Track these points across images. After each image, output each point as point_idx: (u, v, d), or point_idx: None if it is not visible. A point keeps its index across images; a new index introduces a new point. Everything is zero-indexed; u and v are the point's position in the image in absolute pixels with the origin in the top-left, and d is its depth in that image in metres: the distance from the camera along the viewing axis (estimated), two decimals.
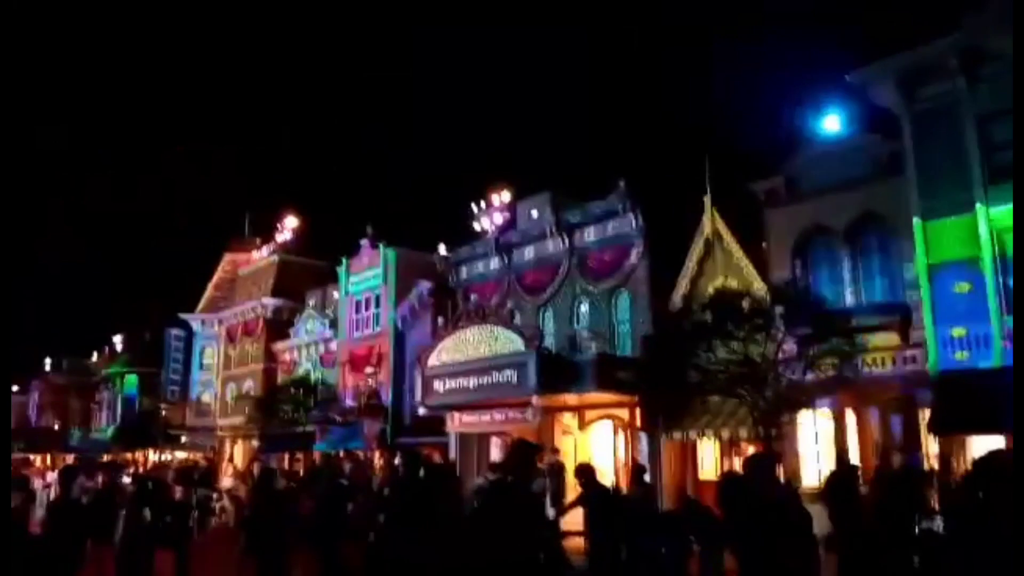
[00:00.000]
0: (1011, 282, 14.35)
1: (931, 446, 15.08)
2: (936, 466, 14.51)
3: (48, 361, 62.04)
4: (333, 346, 32.19)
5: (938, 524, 8.24)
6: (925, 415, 14.92)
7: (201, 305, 42.85)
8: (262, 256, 40.56)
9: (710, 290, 18.08)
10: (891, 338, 15.81)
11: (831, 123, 17.76)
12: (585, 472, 9.96)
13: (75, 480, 9.86)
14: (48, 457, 46.82)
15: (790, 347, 15.44)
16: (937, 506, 10.52)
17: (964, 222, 14.89)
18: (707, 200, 19.44)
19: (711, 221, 19.32)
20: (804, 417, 16.65)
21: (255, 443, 33.70)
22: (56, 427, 55.00)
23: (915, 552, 7.53)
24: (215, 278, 43.27)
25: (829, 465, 16.01)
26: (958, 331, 14.70)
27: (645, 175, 21.00)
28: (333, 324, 32.33)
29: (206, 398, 40.79)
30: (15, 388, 69.06)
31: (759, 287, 17.27)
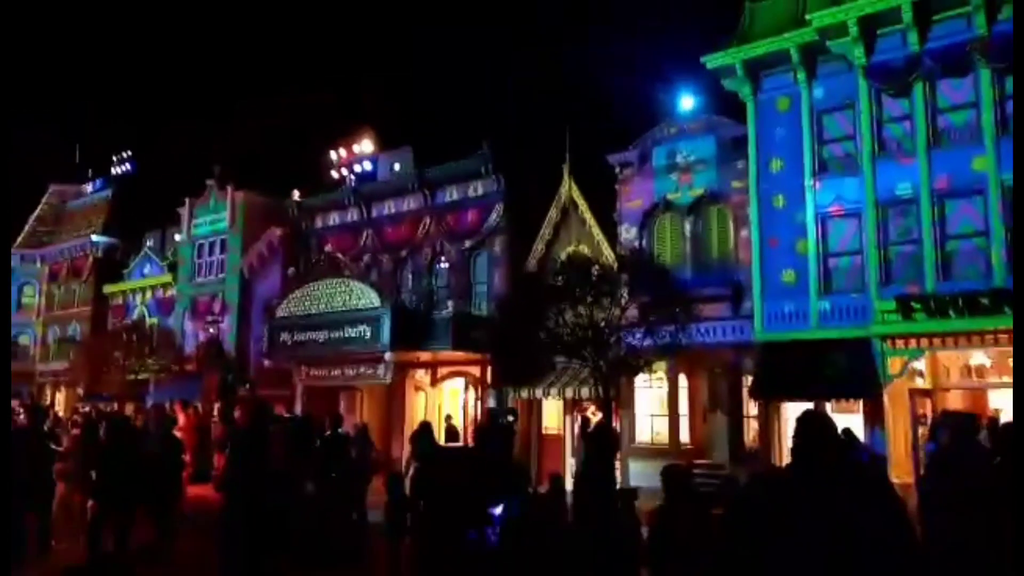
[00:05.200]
0: (830, 263, 15.89)
1: (751, 409, 16.55)
2: (756, 426, 16.01)
3: None
4: (172, 291, 30.36)
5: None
6: (748, 381, 16.31)
7: (20, 239, 38.85)
8: (94, 189, 37.25)
9: (563, 255, 18.65)
10: (723, 309, 17.06)
11: (685, 103, 18.65)
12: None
13: None
14: None
15: (632, 313, 16.29)
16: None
17: (794, 206, 16.22)
18: (565, 168, 19.93)
19: (568, 189, 19.85)
20: (641, 380, 17.71)
21: (80, 391, 31.37)
22: None
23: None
24: (38, 210, 39.28)
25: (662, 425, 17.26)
26: (782, 306, 16.11)
27: (508, 139, 21.15)
28: (173, 268, 30.43)
29: (23, 340, 37.31)
30: None
31: (608, 255, 18.04)
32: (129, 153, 37.62)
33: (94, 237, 34.64)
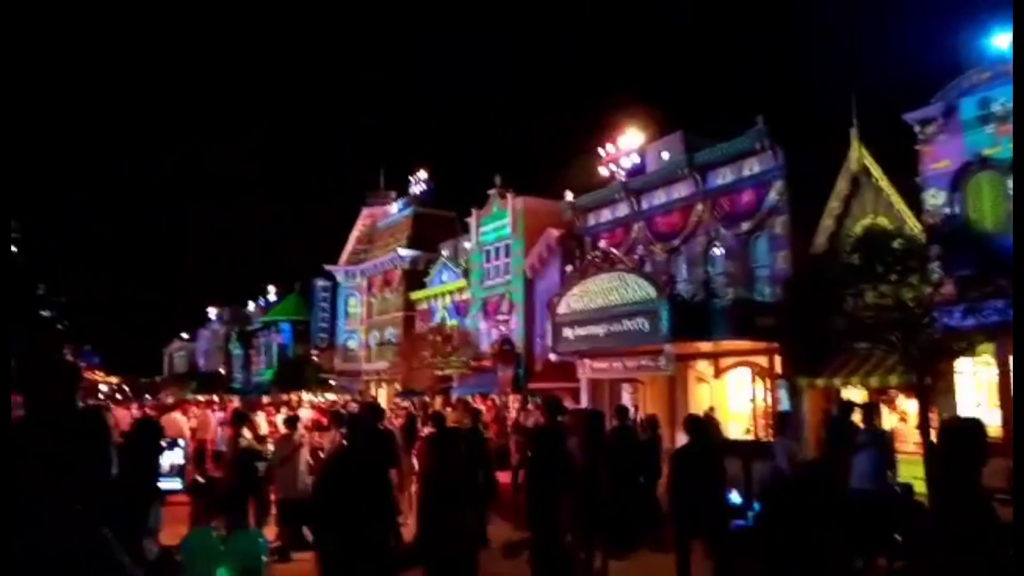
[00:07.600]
0: None
1: None
2: None
3: (212, 311, 67.81)
4: (467, 295, 33.04)
5: None
6: None
7: (344, 257, 45.05)
8: (398, 209, 41.95)
9: (857, 230, 16.99)
10: None
11: (998, 42, 15.93)
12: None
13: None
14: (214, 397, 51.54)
15: (948, 290, 14.30)
16: None
17: None
18: (853, 133, 18.11)
19: (858, 156, 18.01)
20: (963, 365, 15.49)
21: (397, 387, 35.46)
22: (221, 370, 60.35)
23: None
24: (355, 231, 45.25)
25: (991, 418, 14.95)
26: None
27: (785, 108, 19.82)
28: (466, 273, 33.12)
29: (352, 345, 43.17)
30: (185, 336, 76.15)
31: (913, 225, 16.07)
32: (423, 172, 41.73)
33: (400, 251, 38.96)
